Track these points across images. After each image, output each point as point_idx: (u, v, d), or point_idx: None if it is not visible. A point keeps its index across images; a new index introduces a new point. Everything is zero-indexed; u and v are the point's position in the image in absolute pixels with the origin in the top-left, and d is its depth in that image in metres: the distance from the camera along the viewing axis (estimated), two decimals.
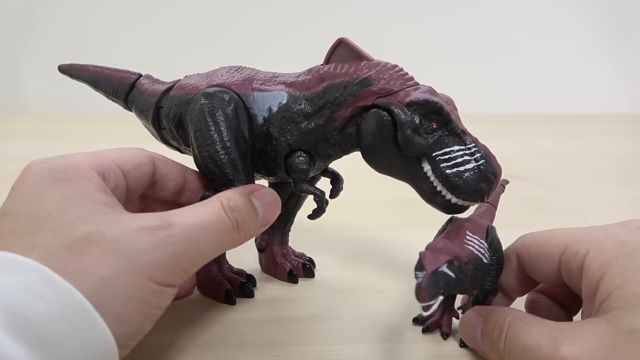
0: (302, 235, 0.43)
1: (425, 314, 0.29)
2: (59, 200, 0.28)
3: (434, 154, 0.32)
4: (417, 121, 0.32)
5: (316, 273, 0.43)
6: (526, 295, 0.36)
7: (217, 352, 0.33)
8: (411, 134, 0.32)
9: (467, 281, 0.31)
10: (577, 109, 1.03)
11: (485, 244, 0.34)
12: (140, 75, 0.43)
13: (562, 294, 0.34)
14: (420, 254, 0.30)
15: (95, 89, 0.45)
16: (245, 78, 0.37)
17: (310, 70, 0.36)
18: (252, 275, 0.41)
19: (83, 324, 0.24)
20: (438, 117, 0.32)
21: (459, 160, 0.32)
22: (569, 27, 1.04)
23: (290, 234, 0.43)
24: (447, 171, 0.32)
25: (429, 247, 0.30)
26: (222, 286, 0.39)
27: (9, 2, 0.92)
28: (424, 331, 0.35)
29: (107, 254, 0.26)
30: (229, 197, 0.32)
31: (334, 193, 0.39)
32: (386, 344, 0.34)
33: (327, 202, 0.36)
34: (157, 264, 0.27)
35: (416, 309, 0.38)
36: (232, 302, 0.38)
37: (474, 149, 0.32)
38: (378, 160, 0.34)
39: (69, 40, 0.95)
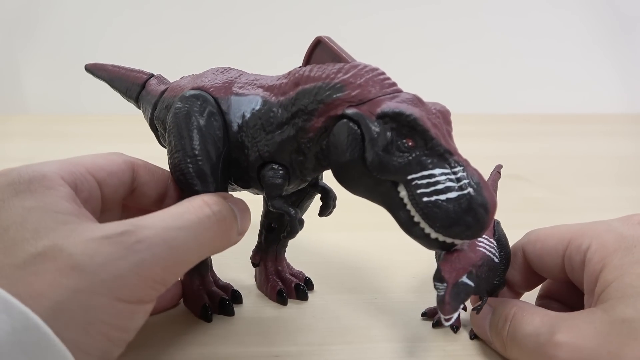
0: (301, 235, 0.43)
1: (446, 324, 0.30)
2: (17, 214, 0.25)
3: (409, 177, 0.27)
4: (389, 137, 0.27)
5: (315, 273, 0.42)
6: (535, 296, 0.37)
7: (217, 351, 0.33)
8: (380, 152, 0.27)
9: (482, 283, 0.32)
10: (577, 109, 1.03)
11: (494, 242, 0.34)
12: (152, 75, 0.42)
13: (570, 295, 0.34)
14: (439, 265, 0.29)
15: (112, 87, 0.45)
16: (226, 81, 0.34)
17: (289, 72, 0.32)
18: (237, 291, 0.38)
19: (41, 352, 0.21)
20: (413, 132, 0.27)
21: (440, 186, 0.27)
22: (569, 27, 1.04)
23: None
24: (424, 199, 0.27)
25: (445, 258, 0.30)
26: (199, 301, 0.36)
27: (9, 2, 0.92)
28: (434, 326, 0.36)
29: (63, 271, 0.23)
30: (210, 196, 0.30)
31: (323, 210, 0.36)
32: (386, 344, 0.34)
33: (301, 223, 0.33)
34: (122, 278, 0.24)
35: (417, 309, 0.38)
36: (207, 320, 0.35)
37: (460, 173, 0.27)
38: (348, 181, 0.29)
39: (70, 41, 0.95)
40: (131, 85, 0.43)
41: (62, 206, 0.26)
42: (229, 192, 0.35)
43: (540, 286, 0.37)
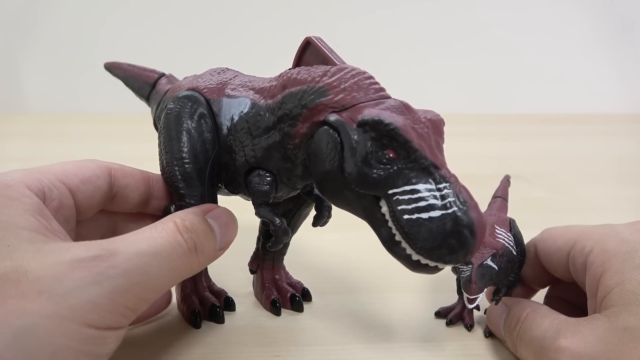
0: (301, 235, 0.43)
1: (470, 306, 0.32)
2: None
3: (390, 192, 0.25)
4: (369, 147, 0.25)
5: (315, 273, 0.42)
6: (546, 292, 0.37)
7: (217, 351, 0.33)
8: (359, 163, 0.25)
9: (502, 273, 0.33)
10: (577, 109, 1.03)
11: (511, 236, 0.35)
12: (163, 75, 0.43)
13: (577, 296, 0.34)
14: None
15: (127, 86, 0.45)
16: (220, 82, 0.34)
17: (280, 74, 0.31)
18: (230, 298, 0.37)
19: None
20: (394, 143, 0.25)
21: (422, 203, 0.24)
22: (569, 26, 1.04)
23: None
24: (405, 217, 0.25)
25: None
26: (190, 306, 0.35)
27: (9, 2, 0.92)
28: (448, 324, 0.36)
29: (27, 296, 0.22)
30: (183, 217, 0.28)
31: (317, 220, 0.35)
32: (386, 344, 0.34)
33: (286, 233, 0.32)
34: (93, 304, 0.23)
35: (417, 309, 0.38)
36: (195, 326, 0.34)
37: (446, 190, 0.25)
38: (329, 192, 0.28)
39: (69, 41, 0.95)
40: (143, 84, 0.43)
41: (27, 221, 0.24)
42: (223, 195, 0.35)
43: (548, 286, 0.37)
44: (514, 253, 0.34)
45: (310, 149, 0.28)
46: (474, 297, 0.31)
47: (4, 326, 0.21)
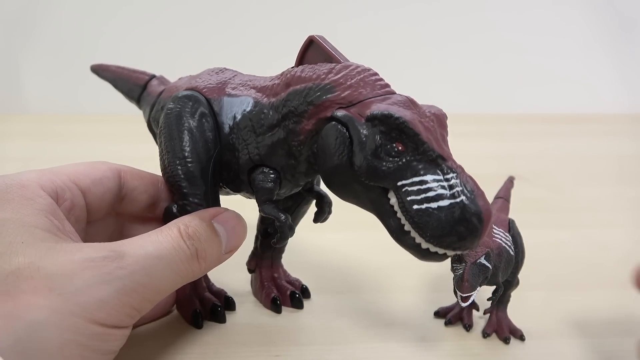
0: (301, 235, 0.43)
1: (464, 304, 0.31)
2: None
3: (399, 184, 0.26)
4: (378, 140, 0.26)
5: (315, 273, 0.42)
6: None
7: (217, 351, 0.33)
8: (369, 156, 0.26)
9: (498, 273, 0.33)
10: (577, 109, 1.03)
11: (510, 237, 0.35)
12: (153, 77, 0.43)
13: None
14: None
15: (116, 88, 0.45)
16: (219, 81, 0.34)
17: (282, 73, 0.31)
18: (230, 298, 0.37)
19: None
20: (403, 136, 0.26)
21: (431, 194, 0.25)
22: (569, 26, 1.04)
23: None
24: (415, 207, 0.25)
25: None
26: (191, 306, 0.35)
27: (9, 2, 0.92)
28: (447, 324, 0.36)
29: (39, 292, 0.23)
30: (188, 223, 0.29)
31: (318, 216, 0.35)
32: (386, 343, 0.34)
33: (291, 228, 0.32)
34: (101, 302, 0.24)
35: (418, 309, 0.38)
36: (197, 326, 0.35)
37: (453, 180, 0.26)
38: (337, 186, 0.28)
39: (69, 40, 0.95)
40: (133, 86, 0.43)
41: (40, 221, 0.25)
42: (223, 194, 0.35)
43: None
44: (512, 253, 0.34)
45: (318, 145, 0.28)
46: (466, 295, 0.31)
47: (17, 320, 0.22)
